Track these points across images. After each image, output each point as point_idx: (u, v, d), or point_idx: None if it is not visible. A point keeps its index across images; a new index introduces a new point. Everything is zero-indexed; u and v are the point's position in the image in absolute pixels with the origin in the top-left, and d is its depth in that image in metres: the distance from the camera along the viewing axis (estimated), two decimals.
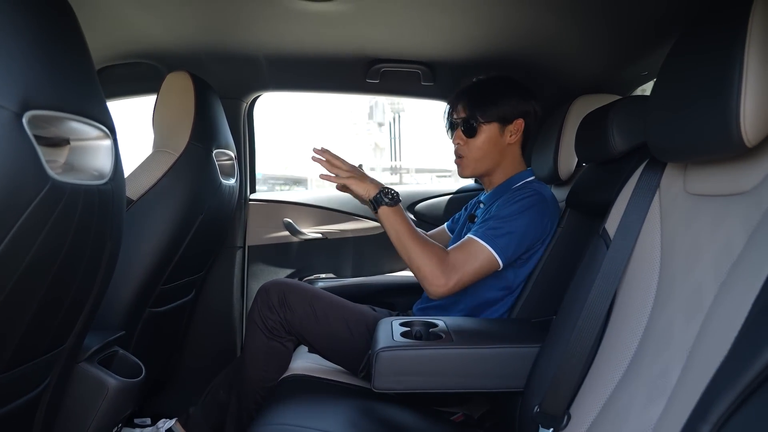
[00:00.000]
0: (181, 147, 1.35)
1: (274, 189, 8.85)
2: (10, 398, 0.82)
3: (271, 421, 1.04)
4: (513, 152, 1.42)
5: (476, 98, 1.38)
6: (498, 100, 1.37)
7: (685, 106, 0.72)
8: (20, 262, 0.67)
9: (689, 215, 0.79)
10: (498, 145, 1.39)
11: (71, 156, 0.82)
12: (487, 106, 1.36)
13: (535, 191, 1.31)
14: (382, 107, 15.80)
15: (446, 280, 1.18)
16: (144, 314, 1.38)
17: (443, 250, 1.22)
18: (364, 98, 17.23)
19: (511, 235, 1.23)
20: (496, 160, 1.40)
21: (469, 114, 1.38)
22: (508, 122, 1.37)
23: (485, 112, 1.36)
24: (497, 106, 1.36)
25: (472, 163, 1.40)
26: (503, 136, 1.38)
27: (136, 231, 1.27)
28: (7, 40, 0.63)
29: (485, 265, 1.21)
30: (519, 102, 1.38)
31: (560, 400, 0.89)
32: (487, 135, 1.37)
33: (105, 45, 1.58)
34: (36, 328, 0.78)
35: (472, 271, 1.20)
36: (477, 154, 1.39)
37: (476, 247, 1.22)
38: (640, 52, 1.35)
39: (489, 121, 1.37)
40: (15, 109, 0.62)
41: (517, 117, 1.38)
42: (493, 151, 1.39)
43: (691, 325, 0.70)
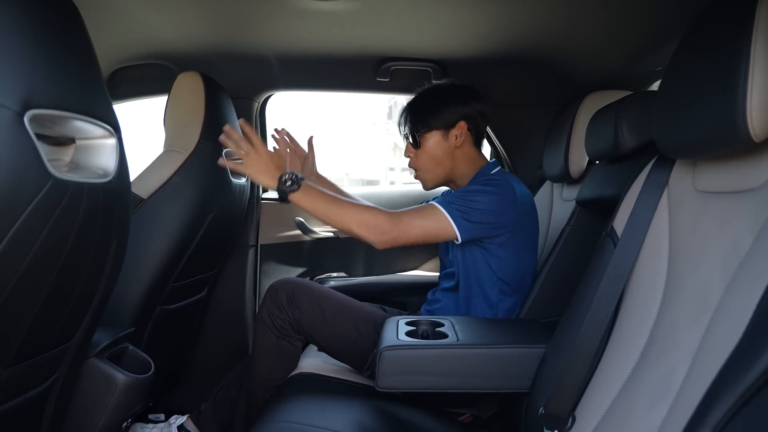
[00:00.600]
0: (191, 146, 1.37)
1: None
2: (19, 391, 0.84)
3: (276, 418, 1.04)
4: (466, 153, 1.43)
5: (416, 110, 1.43)
6: (436, 109, 1.41)
7: (692, 102, 0.71)
8: (23, 257, 0.68)
9: (697, 213, 0.77)
10: (446, 150, 1.42)
11: (77, 154, 0.83)
12: (426, 116, 1.41)
13: (503, 179, 1.33)
14: (401, 107, 15.77)
15: (390, 226, 1.21)
16: (155, 311, 1.40)
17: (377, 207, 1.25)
18: (384, 98, 17.26)
19: (472, 212, 1.25)
20: (449, 164, 1.43)
21: (412, 126, 1.42)
22: (451, 127, 1.40)
23: (425, 122, 1.40)
24: (436, 114, 1.40)
25: (428, 174, 1.44)
26: (448, 141, 1.41)
27: (146, 229, 1.29)
28: (9, 40, 0.64)
29: (437, 228, 1.24)
30: (458, 106, 1.40)
31: (565, 402, 0.87)
32: (432, 142, 1.41)
33: (119, 46, 1.61)
34: (42, 323, 0.80)
35: (421, 227, 1.23)
36: (428, 163, 1.43)
37: (431, 210, 1.25)
38: (653, 47, 1.33)
39: (430, 129, 1.40)
40: (17, 109, 0.63)
41: (458, 120, 1.40)
42: (443, 157, 1.42)
43: (696, 327, 0.68)
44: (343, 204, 1.23)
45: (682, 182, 0.82)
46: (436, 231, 1.24)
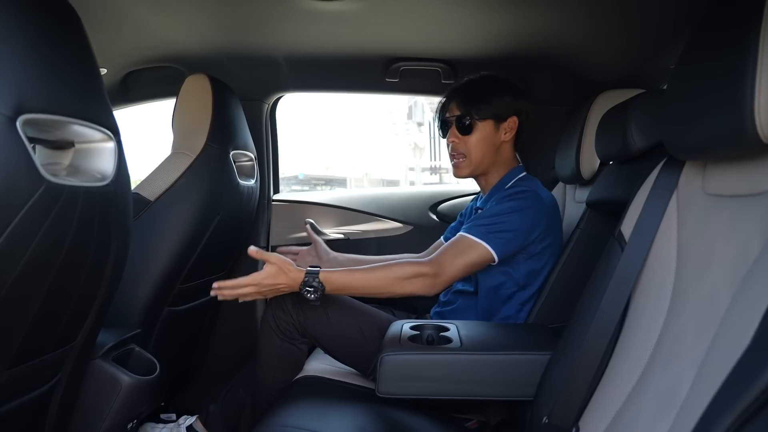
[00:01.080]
0: (198, 148, 1.37)
1: (315, 189, 8.93)
2: (20, 393, 0.85)
3: (277, 422, 1.03)
4: (507, 150, 1.42)
5: (470, 95, 1.39)
6: (491, 98, 1.37)
7: (700, 102, 0.68)
8: (18, 259, 0.69)
9: (706, 217, 0.73)
10: (494, 143, 1.39)
11: (76, 158, 0.84)
12: (482, 103, 1.37)
13: (530, 188, 1.30)
14: (421, 107, 15.74)
15: (434, 273, 1.19)
16: (163, 313, 1.41)
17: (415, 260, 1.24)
18: (404, 98, 17.20)
19: (507, 233, 1.23)
20: (493, 158, 1.40)
21: (464, 111, 1.38)
22: (503, 120, 1.38)
23: (479, 110, 1.37)
24: (490, 103, 1.37)
25: (469, 163, 1.40)
26: (498, 134, 1.38)
27: (153, 231, 1.30)
28: (1, 47, 0.65)
29: (477, 258, 1.22)
30: (512, 100, 1.38)
31: (569, 412, 0.85)
32: (482, 132, 1.38)
33: (131, 50, 1.63)
34: (42, 324, 0.80)
35: (462, 263, 1.21)
36: (474, 152, 1.39)
37: (467, 243, 1.23)
38: (667, 44, 1.29)
39: (484, 118, 1.37)
40: (8, 113, 0.63)
41: (511, 114, 1.38)
42: (489, 149, 1.39)
43: (703, 337, 0.65)
44: (374, 271, 1.21)
45: (692, 185, 0.79)
46: (477, 261, 1.22)
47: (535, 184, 1.35)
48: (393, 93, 1.87)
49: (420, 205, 1.99)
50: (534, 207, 1.27)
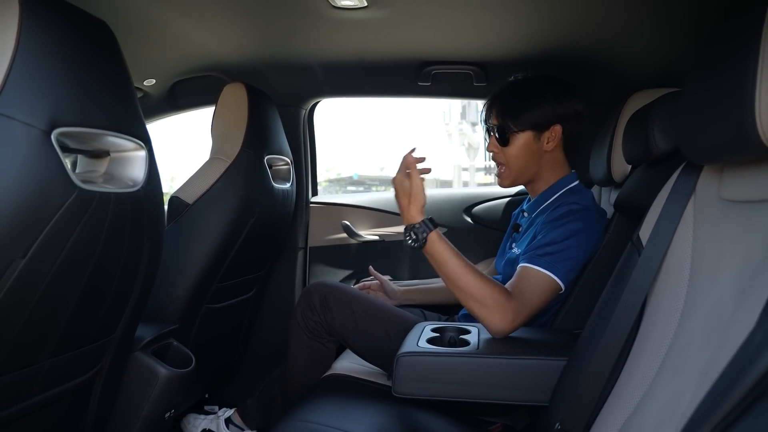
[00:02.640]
0: (234, 154, 1.44)
1: (369, 189, 9.00)
2: (63, 380, 0.93)
3: (298, 417, 1.07)
4: (553, 158, 1.34)
5: (509, 104, 1.32)
6: (531, 106, 1.29)
7: (710, 106, 0.67)
8: (54, 260, 0.76)
9: (719, 223, 0.71)
10: (535, 153, 1.32)
11: (111, 166, 0.91)
12: (520, 112, 1.29)
13: (582, 207, 1.24)
14: (475, 106, 15.56)
15: (514, 316, 1.08)
16: (201, 310, 1.49)
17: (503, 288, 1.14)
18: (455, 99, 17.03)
19: (571, 260, 1.18)
20: (535, 168, 1.34)
21: (502, 121, 1.32)
22: (544, 129, 1.30)
23: (518, 120, 1.30)
24: (530, 112, 1.29)
25: (511, 174, 1.35)
26: (539, 143, 1.31)
27: (191, 232, 1.38)
28: (39, 66, 0.72)
29: (549, 293, 1.16)
30: (555, 106, 1.29)
31: (581, 419, 0.84)
32: (521, 143, 1.31)
33: (176, 61, 1.73)
34: (80, 318, 0.88)
35: (538, 301, 1.14)
36: (514, 163, 1.33)
37: (539, 277, 1.15)
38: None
39: (522, 129, 1.30)
40: (44, 128, 0.70)
41: (553, 123, 1.30)
42: (530, 160, 1.32)
43: (707, 346, 0.64)
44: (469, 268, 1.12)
45: (709, 190, 0.77)
46: (550, 294, 1.16)
47: (585, 197, 1.30)
48: (425, 97, 1.88)
49: (454, 208, 1.99)
50: (590, 228, 1.22)
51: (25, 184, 0.69)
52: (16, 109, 0.68)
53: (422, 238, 1.12)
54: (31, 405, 0.87)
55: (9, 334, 0.76)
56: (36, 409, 0.89)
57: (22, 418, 0.87)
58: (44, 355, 0.85)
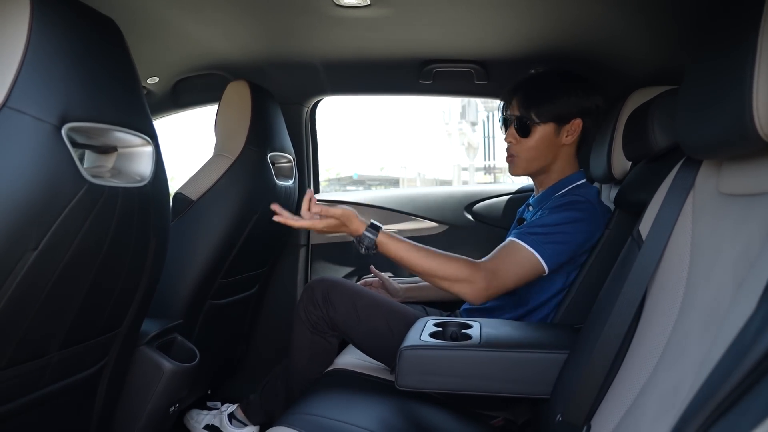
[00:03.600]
0: (237, 151, 1.46)
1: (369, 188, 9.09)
2: (71, 372, 0.95)
3: (302, 410, 1.09)
4: (568, 153, 1.36)
5: (532, 95, 1.32)
6: (555, 98, 1.30)
7: (708, 100, 0.68)
8: (64, 253, 0.77)
9: (717, 217, 0.73)
10: (553, 146, 1.33)
11: (118, 161, 0.92)
12: (543, 104, 1.30)
13: (585, 199, 1.26)
14: (475, 106, 15.59)
15: (486, 284, 1.14)
16: (205, 305, 1.50)
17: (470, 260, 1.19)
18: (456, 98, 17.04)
19: (560, 244, 1.19)
20: (549, 160, 1.35)
21: (524, 112, 1.32)
22: (565, 122, 1.31)
23: (541, 111, 1.30)
24: (554, 104, 1.29)
25: (524, 163, 1.36)
26: (559, 137, 1.32)
27: (195, 228, 1.39)
28: (50, 62, 0.73)
29: (529, 270, 1.17)
30: (579, 99, 1.30)
31: (582, 410, 0.85)
32: (541, 135, 1.32)
33: (179, 59, 1.74)
34: (88, 312, 0.89)
35: (515, 275, 1.17)
36: (530, 155, 1.34)
37: (520, 251, 1.18)
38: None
39: (545, 121, 1.30)
40: (54, 123, 0.72)
41: (575, 116, 1.31)
42: (546, 152, 1.33)
43: (705, 337, 0.65)
44: (430, 258, 1.17)
45: (708, 184, 0.78)
46: (529, 272, 1.18)
47: (591, 193, 1.31)
48: (427, 95, 1.90)
49: (455, 205, 2.01)
50: (589, 219, 1.23)
51: (36, 178, 0.70)
52: (28, 104, 0.69)
53: (372, 243, 1.17)
54: (39, 397, 0.89)
55: (20, 326, 0.77)
56: (44, 401, 0.90)
57: (31, 410, 0.89)
58: (53, 347, 0.86)
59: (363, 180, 16.10)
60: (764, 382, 0.42)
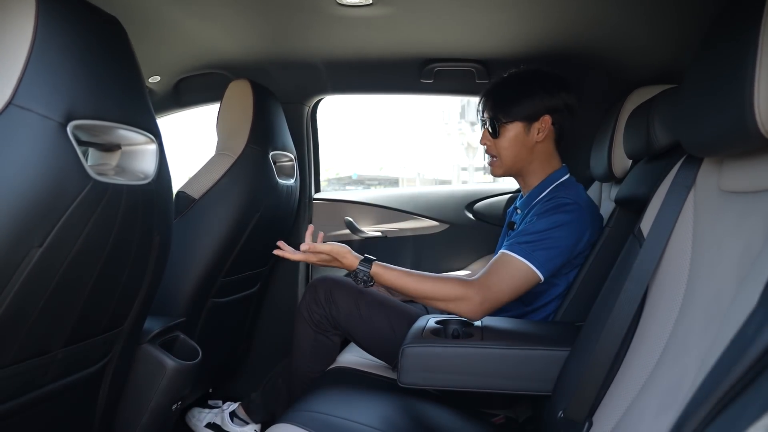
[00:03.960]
0: (239, 149, 1.46)
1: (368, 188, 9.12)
2: (75, 369, 0.95)
3: (305, 408, 1.09)
4: (544, 150, 1.37)
5: (499, 97, 1.36)
6: (521, 98, 1.33)
7: (710, 99, 0.69)
8: (68, 251, 0.78)
9: (718, 214, 0.73)
10: (525, 144, 1.35)
11: (122, 159, 0.93)
12: (509, 105, 1.34)
13: (572, 201, 1.26)
14: (474, 106, 15.56)
15: (480, 300, 1.14)
16: (207, 304, 1.51)
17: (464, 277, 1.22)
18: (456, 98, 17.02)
19: (551, 250, 1.19)
20: (527, 159, 1.37)
21: (492, 114, 1.36)
22: (534, 120, 1.33)
23: (507, 112, 1.34)
24: (520, 104, 1.33)
25: (502, 164, 1.39)
26: (530, 135, 1.34)
27: (197, 227, 1.39)
28: (55, 60, 0.73)
29: (523, 281, 1.17)
30: (544, 98, 1.33)
31: (583, 407, 0.86)
32: (511, 134, 1.35)
33: (181, 59, 1.75)
34: (92, 309, 0.90)
35: (508, 287, 1.17)
36: (505, 154, 1.37)
37: (511, 262, 1.18)
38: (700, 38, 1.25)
39: (512, 120, 1.34)
40: (60, 120, 0.72)
41: (542, 114, 1.33)
42: (521, 150, 1.36)
43: (707, 333, 0.65)
44: (423, 281, 1.20)
45: (708, 182, 0.79)
46: (524, 282, 1.18)
47: (577, 191, 1.31)
48: (428, 94, 1.90)
49: (456, 204, 2.01)
50: (578, 221, 1.23)
51: (42, 175, 0.71)
52: (34, 101, 0.70)
53: (367, 276, 1.21)
54: (43, 394, 0.89)
55: (25, 323, 0.77)
56: (47, 399, 0.91)
57: (33, 408, 0.89)
58: (57, 344, 0.87)
59: (362, 180, 16.11)
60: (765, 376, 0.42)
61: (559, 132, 1.36)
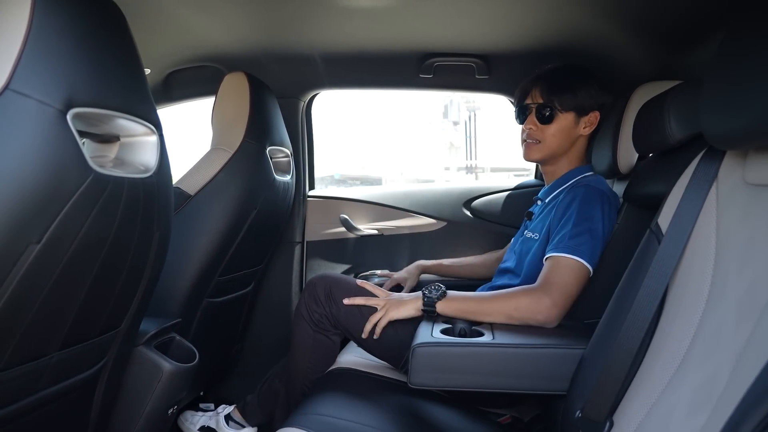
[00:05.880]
0: (236, 144, 1.41)
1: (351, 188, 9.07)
2: (70, 373, 0.90)
3: (310, 411, 1.06)
4: (582, 144, 1.41)
5: (554, 85, 1.36)
6: (577, 90, 1.34)
7: (740, 90, 0.67)
8: (67, 247, 0.73)
9: (747, 207, 0.71)
10: (570, 136, 1.38)
11: (121, 151, 0.88)
12: (566, 93, 1.34)
13: (593, 188, 1.27)
14: (457, 106, 15.67)
15: (551, 300, 1.12)
16: (202, 304, 1.46)
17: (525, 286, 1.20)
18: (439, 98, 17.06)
19: (592, 241, 1.19)
20: (566, 149, 1.39)
21: (546, 100, 1.36)
22: (585, 113, 1.36)
23: (563, 100, 1.35)
24: (575, 95, 1.34)
25: (543, 149, 1.39)
26: (577, 127, 1.37)
27: (192, 224, 1.34)
28: (54, 44, 0.69)
29: (580, 278, 1.17)
30: (597, 93, 1.35)
31: (603, 406, 0.84)
32: (562, 124, 1.36)
33: (172, 50, 1.69)
34: (89, 310, 0.85)
35: (572, 285, 1.15)
36: (551, 141, 1.37)
37: (564, 262, 1.17)
38: (708, 32, 1.24)
39: (566, 110, 1.35)
40: (59, 107, 0.67)
41: (594, 109, 1.36)
42: (564, 140, 1.38)
43: (742, 329, 0.63)
44: (491, 299, 1.18)
45: (732, 175, 0.77)
46: (582, 279, 1.17)
47: (602, 182, 1.33)
48: (427, 89, 1.87)
49: (454, 202, 1.99)
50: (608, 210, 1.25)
51: (40, 166, 0.66)
52: (32, 87, 0.65)
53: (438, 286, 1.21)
54: (37, 400, 0.84)
55: (19, 325, 0.72)
56: (42, 405, 0.86)
57: (25, 416, 0.84)
58: (53, 347, 0.82)
59: (344, 179, 16.06)
60: None
61: (597, 129, 1.39)
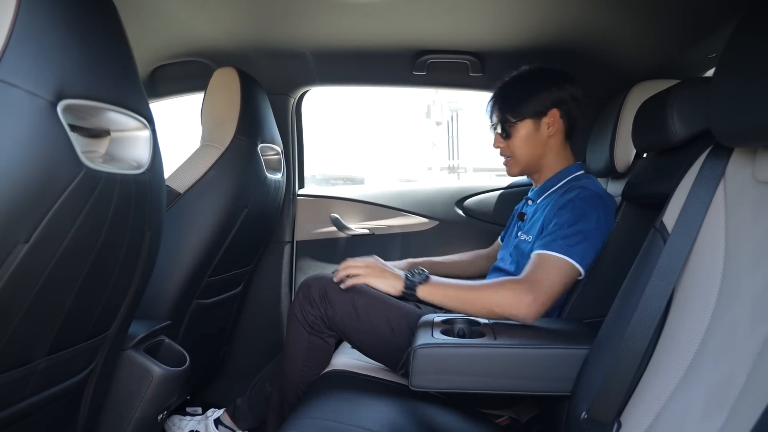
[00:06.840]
0: (227, 141, 1.37)
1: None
2: (58, 380, 0.85)
3: (308, 415, 1.03)
4: (556, 145, 1.38)
5: (505, 98, 1.38)
6: (527, 96, 1.35)
7: (751, 86, 0.66)
8: (57, 246, 0.69)
9: (758, 205, 0.71)
10: (538, 140, 1.37)
11: (112, 146, 0.84)
12: (517, 104, 1.35)
13: (589, 190, 1.25)
14: (439, 106, 15.70)
15: (533, 297, 1.09)
16: (191, 305, 1.41)
17: (509, 277, 1.19)
18: (422, 97, 17.00)
19: (586, 243, 1.18)
20: (540, 154, 1.38)
21: (501, 117, 1.38)
22: (542, 115, 1.34)
23: (516, 111, 1.36)
24: (526, 102, 1.35)
25: (517, 163, 1.40)
26: (540, 131, 1.36)
27: (182, 223, 1.30)
28: (43, 31, 0.64)
29: (567, 278, 1.16)
30: (549, 92, 1.34)
31: (610, 407, 0.82)
32: (523, 133, 1.36)
33: (158, 44, 1.64)
34: (77, 313, 0.81)
35: (556, 284, 1.14)
36: (519, 152, 1.38)
37: (552, 260, 1.16)
38: (705, 32, 1.24)
39: (521, 118, 1.35)
40: (50, 98, 0.63)
41: (549, 108, 1.34)
42: (534, 147, 1.37)
43: (758, 329, 0.63)
44: (473, 289, 1.16)
45: (741, 172, 0.76)
46: (569, 279, 1.16)
47: (595, 183, 1.32)
48: (420, 86, 1.85)
49: (446, 201, 1.97)
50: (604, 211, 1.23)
51: (29, 161, 0.62)
52: (20, 76, 0.61)
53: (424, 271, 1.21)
54: (22, 408, 0.79)
55: (6, 328, 0.68)
56: (27, 413, 0.81)
57: (12, 424, 0.79)
58: (40, 352, 0.77)
59: (327, 179, 15.97)
60: None
61: (568, 124, 1.37)
